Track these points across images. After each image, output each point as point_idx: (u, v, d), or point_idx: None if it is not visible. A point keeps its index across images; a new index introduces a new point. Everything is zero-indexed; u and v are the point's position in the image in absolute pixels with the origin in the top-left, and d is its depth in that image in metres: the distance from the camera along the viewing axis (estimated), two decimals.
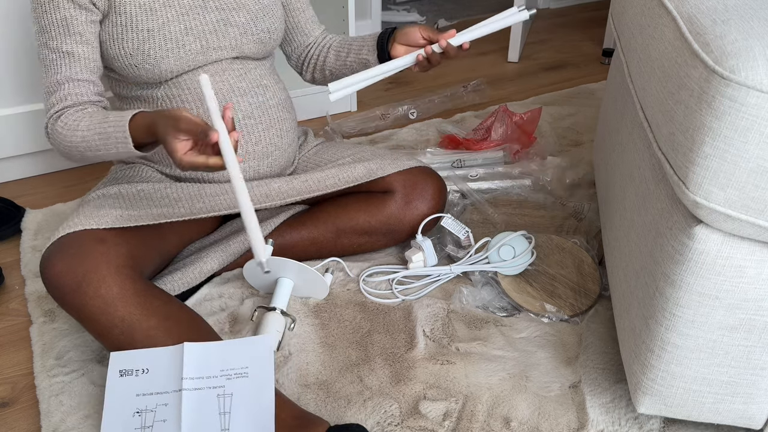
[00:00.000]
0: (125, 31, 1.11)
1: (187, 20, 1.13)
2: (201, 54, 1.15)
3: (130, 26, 1.11)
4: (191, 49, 1.14)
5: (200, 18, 1.14)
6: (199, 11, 1.15)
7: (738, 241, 0.80)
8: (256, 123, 1.21)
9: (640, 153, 1.03)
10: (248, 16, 1.19)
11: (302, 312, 1.22)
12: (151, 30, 1.11)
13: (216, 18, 1.16)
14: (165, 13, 1.12)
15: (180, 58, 1.13)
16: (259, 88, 1.22)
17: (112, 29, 1.11)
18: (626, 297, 1.01)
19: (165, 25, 1.11)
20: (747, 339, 0.85)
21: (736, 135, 0.72)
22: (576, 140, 1.82)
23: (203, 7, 1.15)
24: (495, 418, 1.04)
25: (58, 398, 1.07)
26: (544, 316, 1.20)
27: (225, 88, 1.18)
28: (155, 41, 1.11)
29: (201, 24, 1.14)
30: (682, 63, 0.79)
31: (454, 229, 1.33)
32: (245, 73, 1.21)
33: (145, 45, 1.11)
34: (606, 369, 1.12)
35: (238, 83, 1.20)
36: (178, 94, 1.17)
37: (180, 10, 1.13)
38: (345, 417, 1.03)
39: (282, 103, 1.26)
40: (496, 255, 1.25)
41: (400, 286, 1.28)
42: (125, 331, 0.98)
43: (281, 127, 1.25)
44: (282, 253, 1.28)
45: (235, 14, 1.18)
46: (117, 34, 1.11)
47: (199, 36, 1.14)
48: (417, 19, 2.73)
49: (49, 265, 1.00)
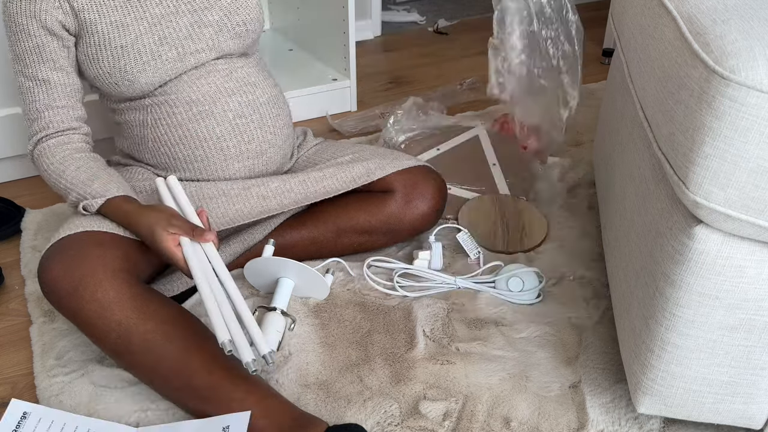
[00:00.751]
0: (99, 51, 1.11)
1: (159, 30, 1.12)
2: (179, 61, 1.15)
3: (104, 45, 1.10)
4: (168, 58, 1.13)
5: (173, 25, 1.14)
6: (172, 18, 1.14)
7: (738, 241, 0.79)
8: (247, 122, 1.21)
9: (640, 153, 1.03)
10: (221, 13, 1.18)
11: (302, 312, 1.22)
12: (124, 46, 1.10)
13: (189, 21, 1.15)
14: (137, 27, 1.11)
15: (157, 69, 1.13)
16: (248, 86, 1.22)
17: (87, 50, 1.12)
18: (626, 297, 1.01)
19: (138, 38, 1.11)
20: (747, 339, 0.85)
21: (736, 135, 0.72)
22: (576, 140, 1.82)
23: (175, 13, 1.14)
24: (495, 418, 1.03)
25: (58, 398, 1.06)
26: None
27: (212, 90, 1.18)
28: (130, 57, 1.11)
29: (174, 31, 1.14)
30: (682, 63, 0.79)
31: (466, 246, 1.35)
32: (231, 72, 1.20)
33: (120, 62, 1.11)
34: (606, 369, 1.12)
35: (225, 84, 1.19)
36: (165, 101, 1.17)
37: (152, 20, 1.12)
38: (345, 417, 1.03)
39: (273, 100, 1.25)
40: (504, 283, 1.25)
41: (403, 280, 1.29)
42: (122, 335, 0.98)
43: (274, 124, 1.25)
44: (282, 253, 1.28)
45: (208, 13, 1.17)
46: (92, 54, 1.11)
47: (175, 43, 1.14)
48: (417, 19, 2.73)
49: (46, 269, 1.00)
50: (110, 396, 1.06)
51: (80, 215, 1.10)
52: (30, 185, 1.64)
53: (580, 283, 1.31)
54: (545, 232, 1.43)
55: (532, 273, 1.26)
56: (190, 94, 1.16)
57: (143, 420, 1.03)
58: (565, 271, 1.33)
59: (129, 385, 1.08)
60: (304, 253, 1.31)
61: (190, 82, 1.16)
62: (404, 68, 2.32)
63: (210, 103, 1.17)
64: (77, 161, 1.13)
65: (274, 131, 1.25)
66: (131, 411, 1.04)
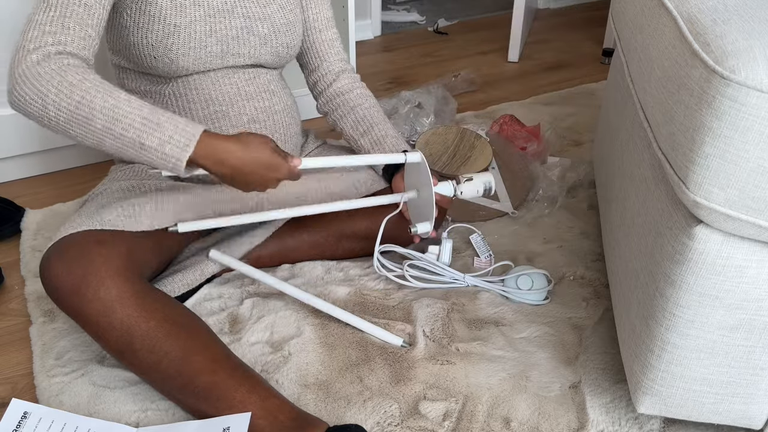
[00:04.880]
0: (152, 22, 1.09)
1: (212, 22, 1.13)
2: (219, 58, 1.15)
3: (158, 18, 1.09)
4: (211, 52, 1.13)
5: (225, 22, 1.14)
6: (226, 15, 1.14)
7: (738, 241, 0.79)
8: (261, 127, 1.21)
9: (640, 153, 1.03)
10: (271, 29, 1.18)
11: (302, 312, 1.22)
12: (177, 26, 1.10)
13: (240, 25, 1.15)
14: (193, 12, 1.11)
15: (199, 59, 1.13)
16: (266, 93, 1.22)
17: (139, 17, 1.09)
18: (626, 297, 1.01)
19: (191, 23, 1.11)
20: (747, 339, 0.85)
21: (737, 135, 0.72)
22: (576, 140, 1.82)
23: (231, 12, 1.14)
24: (495, 419, 1.03)
25: (58, 398, 1.06)
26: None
27: (232, 92, 1.18)
28: (179, 37, 1.10)
29: (225, 28, 1.14)
30: (683, 63, 0.79)
31: (478, 248, 1.37)
32: (254, 77, 1.21)
33: (168, 39, 1.10)
34: (606, 369, 1.12)
35: (245, 87, 1.20)
36: (185, 93, 1.17)
37: (208, 11, 1.12)
38: (345, 417, 1.03)
39: (287, 109, 1.26)
40: (514, 282, 1.26)
41: (413, 270, 1.30)
42: (124, 333, 0.98)
43: (286, 132, 1.26)
44: (283, 256, 1.29)
45: (260, 24, 1.17)
46: (144, 23, 1.09)
47: (221, 40, 1.14)
48: (417, 19, 2.73)
49: (48, 267, 1.00)
50: (110, 396, 1.06)
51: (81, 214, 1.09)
52: (30, 185, 1.64)
53: (580, 283, 1.31)
54: (483, 167, 1.53)
55: (541, 274, 1.27)
56: (211, 92, 1.17)
57: (143, 420, 1.03)
58: (565, 271, 1.33)
59: (129, 385, 1.08)
60: (304, 256, 1.32)
61: (215, 79, 1.17)
62: (404, 68, 2.33)
63: (227, 105, 1.18)
64: (121, 91, 0.95)
65: (285, 139, 1.25)
66: (131, 411, 1.04)
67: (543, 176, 1.58)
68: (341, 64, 1.33)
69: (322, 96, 1.34)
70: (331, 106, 1.33)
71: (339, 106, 1.31)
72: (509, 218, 1.49)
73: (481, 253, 1.37)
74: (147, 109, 0.94)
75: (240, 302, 1.23)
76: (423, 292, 1.28)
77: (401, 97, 1.86)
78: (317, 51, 1.31)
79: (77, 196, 1.59)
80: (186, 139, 0.93)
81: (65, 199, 1.58)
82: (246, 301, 1.23)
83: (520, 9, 2.27)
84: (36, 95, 0.92)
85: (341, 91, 1.32)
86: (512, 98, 2.10)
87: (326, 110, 1.35)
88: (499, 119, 1.78)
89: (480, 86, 2.18)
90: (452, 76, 2.15)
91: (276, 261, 1.32)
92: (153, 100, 1.19)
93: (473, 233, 1.40)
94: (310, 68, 1.34)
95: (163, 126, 0.93)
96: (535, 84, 2.21)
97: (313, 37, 1.30)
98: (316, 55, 1.31)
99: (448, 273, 1.29)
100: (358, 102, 1.31)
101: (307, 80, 1.36)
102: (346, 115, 1.31)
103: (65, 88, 0.92)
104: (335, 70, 1.32)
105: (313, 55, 1.31)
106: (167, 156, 0.93)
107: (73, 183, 1.65)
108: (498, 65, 2.36)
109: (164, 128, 0.93)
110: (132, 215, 1.09)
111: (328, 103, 1.33)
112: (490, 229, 1.46)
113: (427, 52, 2.46)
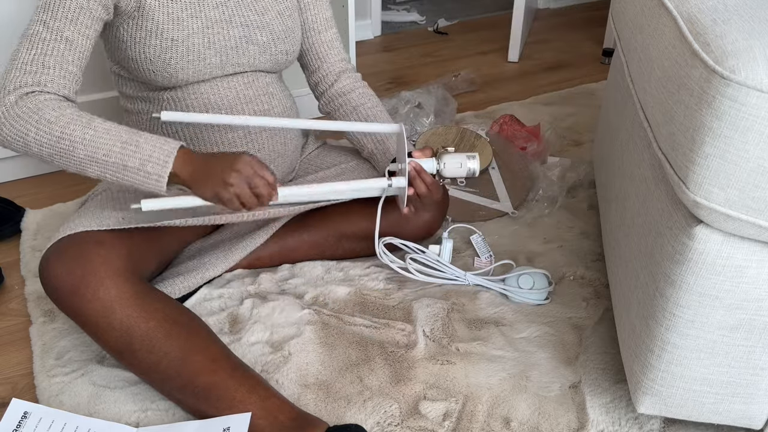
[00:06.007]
0: (149, 37, 1.09)
1: (210, 34, 1.12)
2: (219, 68, 1.15)
3: (155, 33, 1.09)
4: (210, 63, 1.13)
5: (224, 33, 1.13)
6: (224, 26, 1.13)
7: (738, 241, 0.79)
8: (260, 130, 1.21)
9: (640, 153, 1.03)
10: (270, 37, 1.18)
11: (302, 312, 1.21)
12: (175, 40, 1.10)
13: (239, 34, 1.15)
14: (191, 24, 1.10)
15: (198, 71, 1.13)
16: (266, 96, 1.22)
17: (136, 32, 1.09)
18: (626, 297, 1.01)
19: (189, 36, 1.10)
20: (747, 339, 0.85)
21: (736, 135, 0.72)
22: (576, 140, 1.82)
23: (228, 22, 1.14)
24: (495, 419, 1.03)
25: (58, 398, 1.06)
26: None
27: (231, 96, 1.18)
28: (178, 51, 1.10)
29: (224, 39, 1.13)
30: (683, 63, 0.79)
31: (479, 248, 1.38)
32: (253, 80, 1.20)
33: (167, 54, 1.10)
34: (606, 369, 1.12)
35: (244, 91, 1.19)
36: (183, 98, 1.17)
37: (205, 22, 1.12)
38: (345, 417, 1.03)
39: (287, 111, 1.26)
40: (515, 281, 1.26)
41: (416, 263, 1.30)
42: (123, 333, 0.98)
43: (285, 135, 1.25)
44: (283, 255, 1.29)
45: (259, 33, 1.17)
46: (141, 38, 1.09)
47: (220, 51, 1.14)
48: (417, 19, 2.73)
49: (48, 268, 1.00)
50: (110, 396, 1.06)
51: (81, 214, 1.09)
52: (30, 185, 1.64)
53: (580, 283, 1.31)
54: (483, 167, 1.58)
55: (542, 275, 1.27)
56: (210, 97, 1.17)
57: (143, 420, 1.03)
58: (565, 271, 1.33)
59: (129, 385, 1.08)
60: (304, 256, 1.32)
61: (213, 84, 1.17)
62: (404, 68, 2.33)
63: (227, 109, 1.18)
64: (97, 119, 1.00)
65: (284, 142, 1.25)
66: (131, 411, 1.04)
67: (543, 176, 1.58)
68: (342, 64, 1.33)
69: (324, 97, 1.34)
70: (333, 107, 1.33)
71: (341, 106, 1.31)
72: (509, 218, 1.50)
73: (481, 253, 1.37)
74: (125, 134, 0.99)
75: (240, 302, 1.23)
76: (423, 292, 1.28)
77: (401, 97, 1.86)
78: (317, 52, 1.31)
79: (77, 196, 1.59)
80: (165, 155, 0.99)
81: (65, 199, 1.58)
82: (246, 301, 1.23)
83: (520, 9, 2.27)
84: (17, 135, 0.99)
85: (343, 92, 1.31)
86: (512, 98, 2.10)
87: (328, 110, 1.34)
88: (499, 119, 1.78)
89: (480, 86, 2.19)
90: (452, 76, 2.15)
91: (276, 261, 1.32)
92: (151, 106, 1.19)
93: (473, 233, 1.40)
94: (311, 69, 1.33)
95: (141, 147, 0.99)
96: (535, 84, 2.21)
97: (313, 38, 1.30)
98: (317, 57, 1.31)
99: (450, 270, 1.29)
100: (360, 102, 1.30)
101: (308, 81, 1.36)
102: (348, 116, 1.31)
103: (44, 126, 0.98)
104: (336, 71, 1.32)
105: (314, 56, 1.31)
106: (149, 174, 0.98)
107: (73, 183, 1.65)
108: (498, 65, 2.36)
109: (143, 148, 0.99)
110: (131, 215, 1.10)
111: (330, 104, 1.33)
112: (490, 229, 1.46)
113: (427, 52, 2.46)
